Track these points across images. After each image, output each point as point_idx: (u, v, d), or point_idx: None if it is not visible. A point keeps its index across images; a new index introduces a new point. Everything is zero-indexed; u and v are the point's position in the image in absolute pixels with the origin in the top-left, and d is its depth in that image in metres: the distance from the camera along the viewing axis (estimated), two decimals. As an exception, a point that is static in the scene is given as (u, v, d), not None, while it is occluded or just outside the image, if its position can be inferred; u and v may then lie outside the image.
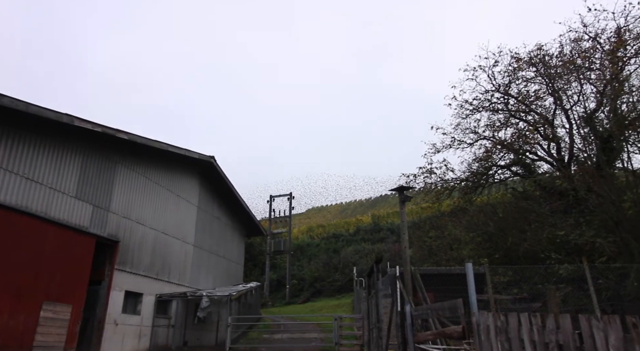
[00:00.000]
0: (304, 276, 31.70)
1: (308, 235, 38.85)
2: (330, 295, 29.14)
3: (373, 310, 16.36)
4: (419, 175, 23.99)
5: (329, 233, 38.09)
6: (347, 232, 37.44)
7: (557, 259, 14.44)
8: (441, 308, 10.38)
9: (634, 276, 12.50)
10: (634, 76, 18.35)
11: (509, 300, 14.95)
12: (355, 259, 31.00)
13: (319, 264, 32.16)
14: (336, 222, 41.45)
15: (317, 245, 36.14)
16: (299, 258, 34.55)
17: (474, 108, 22.69)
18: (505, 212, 20.18)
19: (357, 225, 38.38)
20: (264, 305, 28.35)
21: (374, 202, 54.02)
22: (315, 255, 34.41)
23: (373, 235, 35.59)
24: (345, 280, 29.16)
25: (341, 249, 33.70)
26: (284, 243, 33.19)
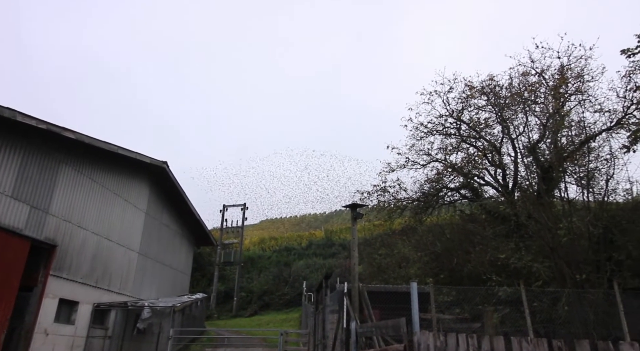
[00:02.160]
0: (253, 288, 31.19)
1: (260, 247, 38.37)
2: (278, 309, 28.81)
3: (319, 326, 16.34)
4: (373, 192, 24.44)
5: (281, 245, 37.81)
6: (300, 246, 37.32)
7: (498, 281, 15.01)
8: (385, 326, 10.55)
9: (564, 301, 13.22)
10: (573, 112, 19.72)
11: (451, 319, 15.38)
12: (306, 273, 30.91)
13: (269, 277, 31.79)
14: (289, 235, 41.24)
15: (269, 258, 35.76)
16: (249, 270, 34.00)
17: (429, 131, 23.46)
18: (452, 233, 20.86)
19: (310, 239, 38.36)
20: (210, 317, 27.57)
21: (329, 217, 54.32)
22: (266, 267, 34.00)
23: (325, 250, 35.68)
24: (294, 294, 28.96)
25: (292, 263, 33.52)
26: (235, 254, 32.60)
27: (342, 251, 33.45)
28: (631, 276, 14.27)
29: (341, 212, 50.90)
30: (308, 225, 53.17)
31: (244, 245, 36.08)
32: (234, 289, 30.84)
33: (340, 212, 50.81)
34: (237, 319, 27.53)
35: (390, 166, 24.19)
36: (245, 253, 35.75)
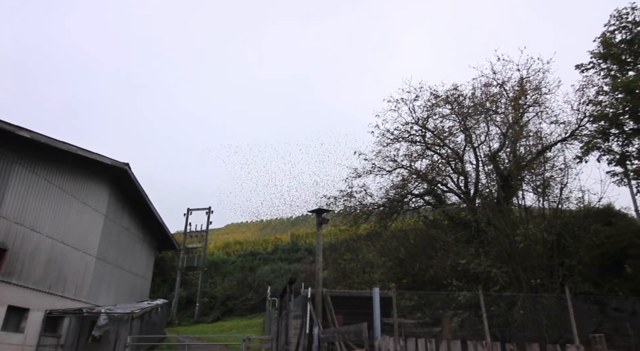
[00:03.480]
0: (216, 294, 30.63)
1: (224, 252, 37.79)
2: (242, 315, 28.41)
3: (283, 331, 16.22)
4: (340, 198, 24.60)
5: (246, 250, 37.37)
6: (265, 250, 37.01)
7: (458, 286, 15.37)
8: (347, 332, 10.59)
9: (520, 305, 13.69)
10: (531, 123, 20.59)
11: (413, 324, 15.62)
12: (271, 278, 30.65)
13: (233, 282, 31.32)
14: (255, 240, 40.85)
15: (233, 262, 35.26)
16: (212, 275, 33.39)
17: (395, 138, 23.87)
18: (416, 238, 21.22)
19: (275, 244, 38.10)
20: (170, 323, 26.87)
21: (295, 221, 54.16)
22: (230, 272, 33.50)
23: (291, 255, 35.53)
24: (259, 299, 28.66)
25: (257, 267, 33.17)
26: (198, 258, 31.95)
27: (308, 256, 33.39)
28: (582, 281, 14.97)
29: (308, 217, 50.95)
30: (274, 230, 52.86)
31: (208, 249, 35.42)
32: (196, 294, 30.20)
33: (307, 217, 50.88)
34: (199, 325, 26.96)
35: (357, 172, 24.45)
36: (210, 257, 35.11)
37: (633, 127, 14.68)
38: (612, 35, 14.96)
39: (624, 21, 14.70)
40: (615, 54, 14.73)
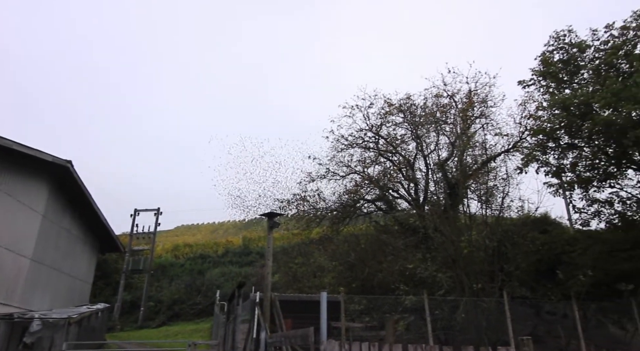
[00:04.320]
0: (163, 298, 29.63)
1: (173, 254, 36.67)
2: (189, 319, 27.66)
3: (230, 336, 15.94)
4: (293, 201, 24.57)
5: (196, 253, 36.46)
6: (216, 253, 36.29)
7: (405, 290, 15.74)
8: (294, 336, 10.57)
9: (462, 308, 14.24)
10: (478, 134, 21.55)
11: (361, 328, 15.84)
12: (221, 282, 30.08)
13: (180, 285, 30.44)
14: (205, 242, 39.92)
15: (182, 265, 34.30)
16: (159, 278, 32.29)
17: (349, 144, 24.20)
18: (367, 243, 21.56)
19: (226, 247, 37.46)
20: (112, 329, 25.69)
21: (248, 224, 53.45)
22: (178, 275, 32.55)
23: (242, 258, 35.07)
24: (207, 303, 28.02)
25: (207, 271, 32.46)
26: (145, 261, 30.81)
27: (260, 259, 33.05)
28: (519, 285, 15.80)
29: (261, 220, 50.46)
30: (226, 232, 51.92)
31: (156, 252, 34.24)
32: (141, 298, 29.06)
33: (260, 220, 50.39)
34: (143, 330, 25.95)
35: (311, 176, 24.55)
36: (157, 260, 33.95)
37: (568, 141, 15.71)
38: (551, 54, 15.98)
39: (561, 42, 15.75)
40: (553, 72, 15.74)
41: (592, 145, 15.08)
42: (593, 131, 14.05)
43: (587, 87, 14.83)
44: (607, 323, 15.24)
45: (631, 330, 14.45)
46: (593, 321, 15.26)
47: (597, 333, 15.06)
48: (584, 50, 15.48)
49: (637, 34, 14.28)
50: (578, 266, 14.30)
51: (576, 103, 14.19)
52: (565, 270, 14.64)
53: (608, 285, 14.34)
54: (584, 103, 13.95)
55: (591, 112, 14.04)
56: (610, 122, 12.97)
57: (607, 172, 15.13)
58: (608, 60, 14.38)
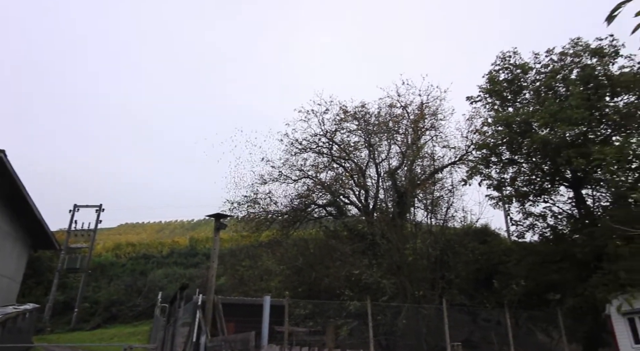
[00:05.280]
0: (100, 299, 28.18)
1: (114, 254, 35.01)
2: (127, 322, 26.47)
3: (169, 340, 15.39)
4: (244, 203, 24.23)
5: (139, 253, 35.01)
6: (160, 254, 35.04)
7: (350, 296, 15.91)
8: (234, 340, 10.37)
9: (404, 314, 14.58)
10: (427, 145, 22.26)
11: (305, 332, 15.82)
12: (164, 283, 29.04)
13: (120, 286, 29.10)
14: (150, 242, 38.44)
15: (123, 265, 32.82)
16: (97, 278, 30.69)
17: (303, 148, 24.23)
18: (315, 248, 21.60)
19: (172, 247, 36.27)
20: (41, 331, 24.10)
21: (196, 224, 52.13)
22: (118, 275, 31.10)
23: (188, 259, 34.09)
24: (147, 305, 26.94)
25: (150, 272, 31.25)
26: (82, 260, 29.20)
27: (206, 261, 32.26)
28: (458, 293, 16.42)
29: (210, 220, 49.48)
30: (173, 232, 50.27)
31: (95, 250, 32.56)
32: (76, 299, 27.49)
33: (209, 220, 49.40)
34: (75, 333, 24.50)
35: (263, 178, 24.32)
36: (96, 259, 32.28)
37: (509, 157, 16.58)
38: (497, 73, 16.85)
39: (507, 63, 16.67)
40: (498, 90, 16.60)
41: (530, 162, 15.99)
42: (531, 148, 14.91)
43: (528, 107, 15.74)
44: (535, 331, 16.15)
45: (556, 337, 15.39)
46: (524, 328, 16.12)
47: (527, 340, 15.92)
48: (526, 71, 16.44)
49: (573, 60, 15.36)
50: (512, 276, 15.06)
51: (518, 122, 15.01)
52: (500, 279, 15.38)
53: (538, 295, 15.22)
54: (525, 121, 14.79)
55: (531, 130, 14.91)
56: (547, 141, 13.82)
57: (542, 188, 16.09)
58: (547, 83, 15.35)
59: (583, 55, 15.17)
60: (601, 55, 14.82)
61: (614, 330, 12.16)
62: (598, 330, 14.08)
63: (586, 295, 12.98)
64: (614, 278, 12.25)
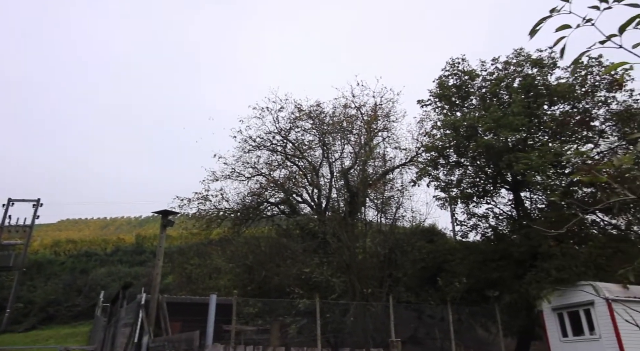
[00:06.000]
0: (35, 299, 26.55)
1: (53, 251, 33.10)
2: (65, 323, 25.13)
3: (109, 341, 14.79)
4: (194, 200, 23.64)
5: (80, 250, 33.31)
6: (104, 251, 33.52)
7: (300, 294, 15.96)
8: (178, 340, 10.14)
9: (352, 312, 14.83)
10: (379, 146, 22.70)
11: (253, 331, 15.71)
12: (107, 282, 27.83)
13: (58, 285, 27.56)
14: (93, 239, 36.67)
15: (62, 263, 31.10)
16: (33, 276, 28.90)
17: (257, 146, 23.99)
18: (267, 246, 21.48)
19: (117, 245, 34.81)
20: (-33, 334, 22.40)
21: (144, 221, 50.29)
22: (56, 274, 29.44)
23: (134, 257, 32.84)
24: (88, 305, 25.72)
25: (92, 270, 29.82)
26: (16, 257, 27.36)
27: (153, 259, 31.10)
28: (405, 291, 16.91)
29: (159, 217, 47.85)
30: (119, 229, 48.21)
31: (32, 247, 30.67)
32: (8, 299, 25.74)
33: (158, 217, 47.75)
34: (6, 335, 22.93)
35: (215, 175, 23.85)
36: (32, 256, 30.38)
37: (456, 159, 17.24)
38: (447, 79, 17.48)
39: (456, 69, 17.33)
40: (447, 95, 17.22)
41: (475, 165, 16.72)
42: (476, 152, 15.60)
43: (474, 112, 16.44)
44: (475, 326, 16.92)
45: (494, 332, 16.21)
46: (465, 324, 16.85)
47: (468, 335, 16.65)
48: (474, 78, 17.17)
49: (516, 69, 16.22)
50: (456, 274, 15.70)
51: (464, 126, 15.65)
52: (445, 277, 15.98)
53: (479, 292, 15.95)
54: (471, 126, 15.44)
55: (476, 134, 15.58)
56: (491, 145, 14.50)
57: (485, 190, 16.87)
58: (492, 90, 16.12)
59: (525, 65, 16.05)
60: (541, 66, 15.74)
61: (545, 325, 12.97)
62: (531, 325, 14.96)
63: (521, 291, 13.75)
64: (546, 275, 13.07)
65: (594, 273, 12.81)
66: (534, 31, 2.20)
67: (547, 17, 2.15)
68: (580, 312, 12.04)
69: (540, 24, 2.16)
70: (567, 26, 2.13)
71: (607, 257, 13.09)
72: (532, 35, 2.20)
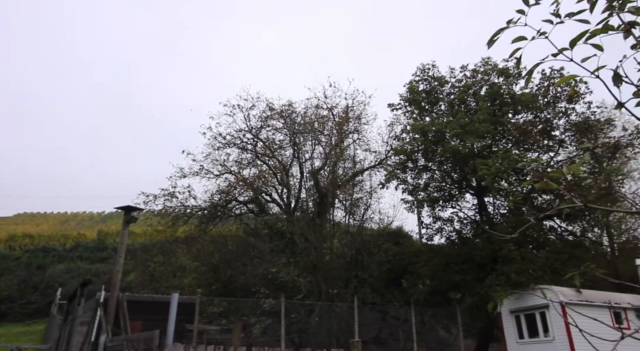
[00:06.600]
0: (-14, 295, 25.37)
1: (7, 245, 31.62)
2: (19, 321, 24.08)
3: (65, 340, 14.26)
4: (160, 196, 23.11)
5: (37, 245, 31.98)
6: (63, 247, 32.29)
7: (265, 294, 15.88)
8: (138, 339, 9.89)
9: (317, 312, 14.87)
10: (350, 148, 22.85)
11: (217, 330, 15.51)
12: (65, 279, 26.82)
13: (12, 281, 26.38)
14: (52, 234, 35.27)
15: (17, 258, 29.77)
16: (-16, 272, 27.58)
17: (227, 143, 23.68)
18: (234, 245, 21.26)
19: (77, 240, 33.61)
20: None
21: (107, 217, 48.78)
22: (10, 270, 28.15)
23: (95, 254, 31.78)
24: (44, 302, 24.74)
25: (49, 266, 28.68)
26: (-34, 252, 26.06)
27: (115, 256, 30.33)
28: (371, 292, 17.09)
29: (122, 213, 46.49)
30: (80, 224, 46.56)
31: (-16, 241, 29.26)
32: (-45, 296, 24.48)
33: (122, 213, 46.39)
34: (-48, 334, 21.79)
35: (183, 172, 23.37)
36: (-16, 251, 29.00)
37: (424, 164, 17.56)
38: (417, 84, 17.79)
39: (426, 74, 17.67)
40: (417, 100, 17.54)
41: (442, 169, 17.09)
42: (444, 157, 15.95)
43: (442, 118, 16.80)
44: (437, 327, 17.29)
45: (455, 333, 16.61)
46: (428, 325, 17.19)
47: (430, 336, 17.00)
48: (443, 84, 17.55)
49: (483, 77, 16.69)
50: (420, 276, 15.99)
51: (433, 131, 15.97)
52: (409, 279, 16.26)
53: (442, 294, 16.30)
54: (439, 131, 15.77)
55: (444, 140, 15.93)
56: (457, 150, 14.86)
57: (451, 194, 17.27)
58: (460, 97, 16.52)
59: (492, 74, 16.54)
60: (507, 75, 16.26)
61: (503, 327, 13.38)
62: (490, 327, 15.42)
63: (482, 294, 14.14)
64: (505, 279, 13.50)
65: (551, 277, 13.32)
66: (492, 41, 2.26)
67: (504, 28, 2.21)
68: (536, 315, 12.48)
69: (497, 35, 2.22)
70: (523, 38, 2.20)
71: (563, 262, 13.64)
72: (489, 45, 2.27)
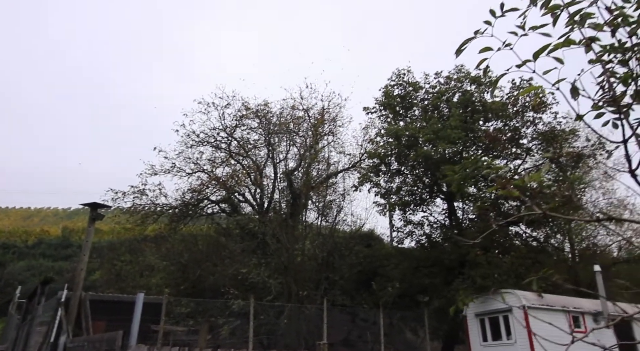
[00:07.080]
0: (-60, 293, 24.15)
1: (-37, 241, 30.30)
2: (-26, 320, 23.04)
3: (22, 340, 13.72)
4: (129, 193, 22.56)
5: (-3, 241, 30.77)
6: (25, 244, 31.10)
7: (234, 295, 15.71)
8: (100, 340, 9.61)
9: (286, 314, 14.81)
10: (325, 150, 22.91)
11: (184, 332, 15.23)
12: (26, 277, 25.85)
13: (-32, 279, 25.24)
14: (12, 229, 33.89)
15: (-26, 255, 28.54)
16: (-64, 269, 26.26)
17: (200, 141, 23.34)
18: (204, 245, 20.95)
19: (40, 237, 32.43)
20: None
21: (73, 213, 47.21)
22: (-34, 267, 26.96)
23: (59, 251, 30.74)
24: (2, 301, 23.74)
25: (9, 263, 27.58)
26: None
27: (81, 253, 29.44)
28: (341, 294, 17.15)
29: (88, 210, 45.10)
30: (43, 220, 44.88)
31: (-62, 236, 27.83)
32: None
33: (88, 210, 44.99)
34: None
35: (154, 169, 22.89)
36: (-62, 247, 27.61)
37: (396, 167, 17.78)
38: (392, 88, 18.02)
39: (401, 79, 17.92)
40: (392, 104, 17.76)
41: (414, 174, 17.34)
42: (416, 161, 16.19)
43: (416, 123, 17.07)
44: (405, 330, 17.50)
45: (422, 336, 16.85)
46: (396, 327, 17.37)
47: (398, 339, 17.18)
48: (417, 90, 17.83)
49: (456, 85, 17.05)
50: (390, 279, 16.15)
51: (406, 135, 16.20)
52: (379, 281, 16.40)
53: (411, 297, 16.52)
54: (412, 136, 16.01)
55: (417, 144, 16.18)
56: (429, 155, 15.12)
57: (422, 198, 17.54)
58: (434, 103, 16.82)
59: (464, 82, 16.93)
60: (479, 84, 16.67)
61: (468, 329, 13.66)
62: (456, 330, 15.71)
63: (449, 297, 14.40)
64: (471, 283, 13.79)
65: (515, 282, 13.69)
66: (459, 51, 2.30)
67: (471, 39, 2.25)
68: (500, 318, 12.80)
69: (465, 44, 2.26)
70: (489, 48, 2.25)
71: (527, 267, 14.05)
72: (457, 54, 2.31)
